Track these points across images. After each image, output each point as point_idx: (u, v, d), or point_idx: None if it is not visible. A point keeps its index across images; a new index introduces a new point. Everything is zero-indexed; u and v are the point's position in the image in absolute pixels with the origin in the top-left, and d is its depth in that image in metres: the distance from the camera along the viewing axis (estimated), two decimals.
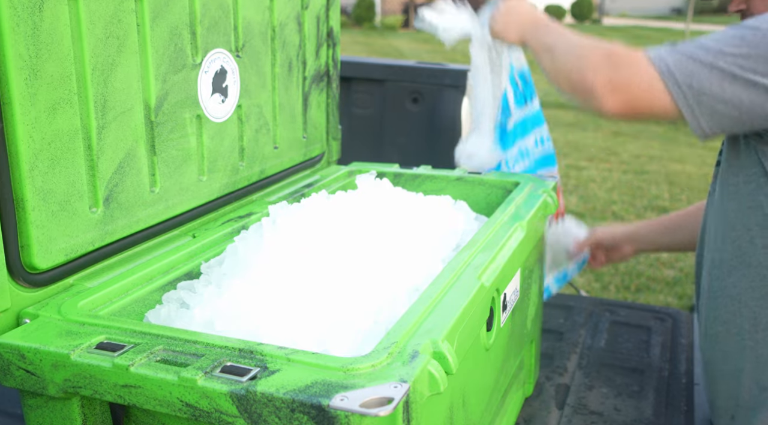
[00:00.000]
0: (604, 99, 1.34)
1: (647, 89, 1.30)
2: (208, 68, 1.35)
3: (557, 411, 1.65)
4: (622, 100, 1.31)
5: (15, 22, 0.97)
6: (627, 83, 1.32)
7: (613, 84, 1.33)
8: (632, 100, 1.31)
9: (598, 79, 1.34)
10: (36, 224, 1.04)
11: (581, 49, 1.42)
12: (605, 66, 1.35)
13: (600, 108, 1.35)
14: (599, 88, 1.34)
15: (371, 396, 0.79)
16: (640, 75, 1.31)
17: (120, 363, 0.89)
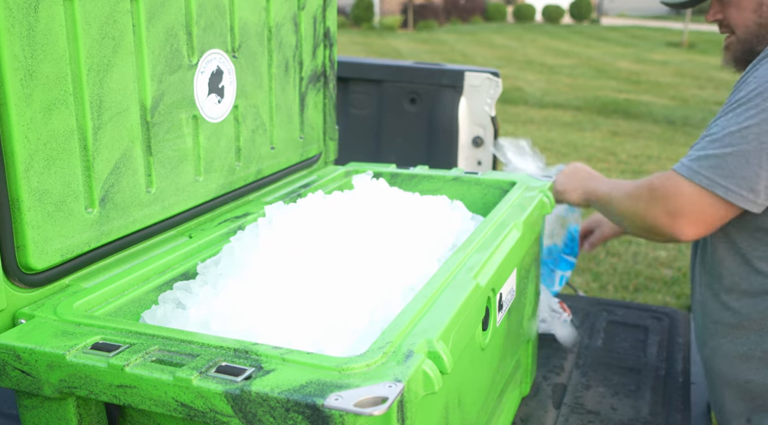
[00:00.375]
0: (672, 229, 1.48)
1: (698, 203, 1.44)
2: (204, 69, 1.36)
3: (554, 411, 1.65)
4: (686, 223, 1.46)
5: (10, 23, 0.97)
6: (679, 208, 1.46)
7: (670, 213, 1.47)
8: (695, 219, 1.45)
9: (656, 216, 1.50)
10: (32, 225, 1.04)
11: (629, 195, 1.58)
12: (654, 202, 1.51)
13: (674, 237, 1.50)
14: (661, 222, 1.49)
15: (366, 395, 0.79)
16: (684, 195, 1.45)
17: (115, 363, 0.89)
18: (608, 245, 4.86)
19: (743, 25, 1.56)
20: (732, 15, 1.57)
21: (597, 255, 4.75)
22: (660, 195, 1.48)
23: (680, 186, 1.45)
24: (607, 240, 2.07)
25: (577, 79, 12.11)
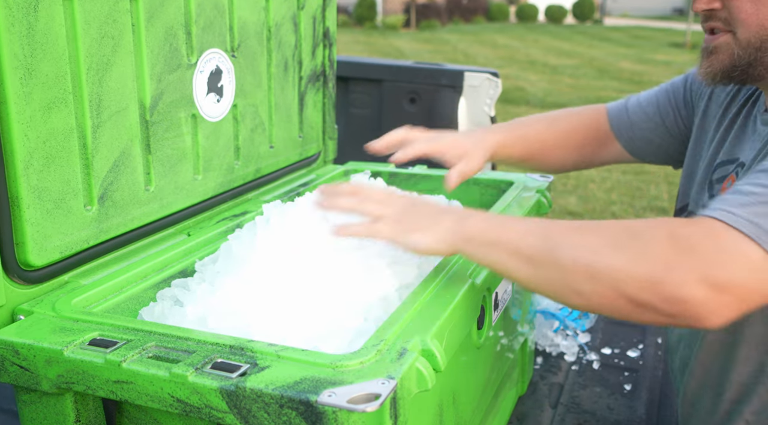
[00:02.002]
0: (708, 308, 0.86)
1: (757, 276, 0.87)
2: (203, 68, 1.37)
3: (550, 410, 1.66)
4: (733, 303, 0.87)
5: (10, 22, 0.98)
6: (731, 277, 0.86)
7: (711, 283, 0.85)
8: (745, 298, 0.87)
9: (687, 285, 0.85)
10: (31, 222, 1.05)
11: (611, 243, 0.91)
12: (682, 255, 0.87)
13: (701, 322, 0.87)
14: (694, 295, 0.85)
15: (359, 392, 0.80)
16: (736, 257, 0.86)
17: (112, 359, 0.90)
18: None
19: (758, 23, 1.04)
20: (744, 7, 1.04)
21: None
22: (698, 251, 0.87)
23: (737, 245, 0.87)
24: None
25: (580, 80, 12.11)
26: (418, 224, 1.03)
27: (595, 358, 1.88)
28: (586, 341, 1.92)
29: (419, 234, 1.02)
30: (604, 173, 6.49)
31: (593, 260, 0.90)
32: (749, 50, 1.06)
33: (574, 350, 1.89)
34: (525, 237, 0.96)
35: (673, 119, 1.44)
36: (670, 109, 1.44)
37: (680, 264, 0.86)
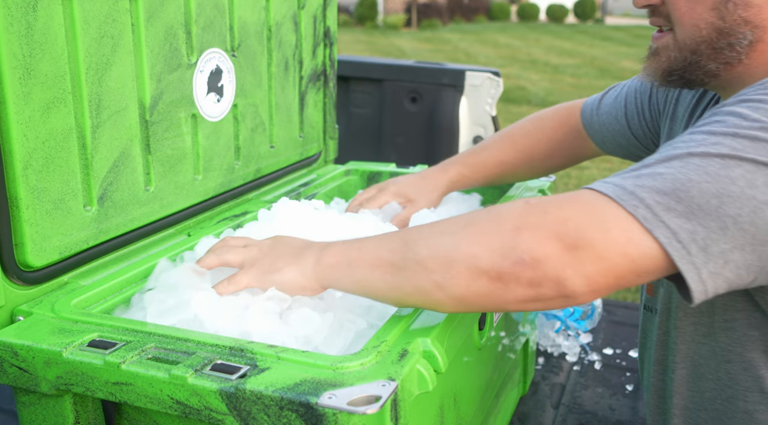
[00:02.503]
0: (564, 271, 0.81)
1: (627, 241, 0.81)
2: (203, 68, 1.36)
3: (552, 410, 1.66)
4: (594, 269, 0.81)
5: (9, 22, 0.98)
6: (588, 235, 0.81)
7: (566, 241, 0.81)
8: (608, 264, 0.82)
9: (541, 244, 0.81)
10: (30, 223, 1.05)
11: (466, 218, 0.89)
12: (543, 221, 0.83)
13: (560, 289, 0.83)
14: (549, 256, 0.81)
15: (359, 394, 0.79)
16: (604, 218, 0.82)
17: (111, 360, 0.89)
18: None
19: (692, 23, 0.98)
20: (678, 4, 0.99)
21: None
22: (549, 212, 0.84)
23: (594, 203, 0.84)
24: None
25: (581, 79, 12.09)
26: (278, 264, 1.01)
27: (596, 358, 1.88)
28: (588, 341, 1.92)
29: (282, 273, 1.00)
30: (606, 172, 6.49)
31: (448, 243, 0.87)
32: (684, 53, 1.01)
33: (576, 350, 1.89)
34: (382, 246, 0.94)
35: (638, 123, 1.37)
36: (636, 112, 1.37)
37: (530, 225, 0.83)
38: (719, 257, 0.81)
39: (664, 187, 0.82)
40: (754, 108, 0.85)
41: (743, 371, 1.03)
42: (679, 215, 0.80)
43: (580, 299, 0.84)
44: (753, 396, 1.03)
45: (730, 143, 0.82)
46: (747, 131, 0.83)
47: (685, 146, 0.85)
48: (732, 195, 0.80)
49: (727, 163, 0.81)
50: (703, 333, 1.07)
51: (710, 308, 1.04)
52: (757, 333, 1.01)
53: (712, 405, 1.09)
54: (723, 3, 0.95)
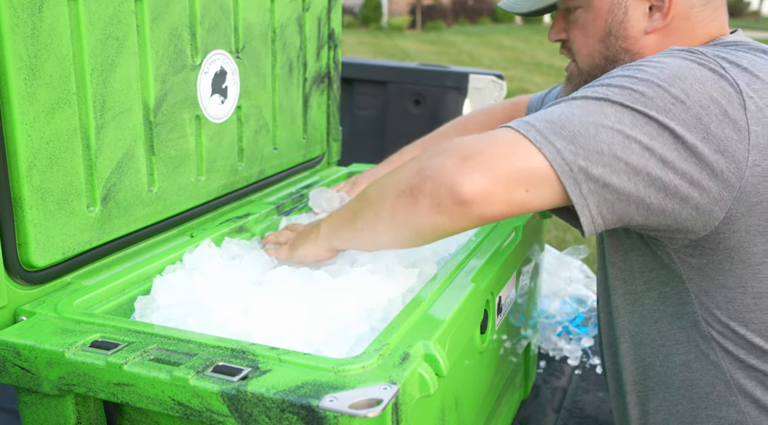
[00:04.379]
0: (455, 177, 0.93)
1: (512, 153, 0.94)
2: (207, 69, 1.36)
3: (553, 414, 1.65)
4: (480, 173, 0.93)
5: (14, 23, 0.98)
6: (480, 151, 0.95)
7: (461, 155, 0.94)
8: (497, 171, 0.93)
9: (442, 161, 0.96)
10: (34, 223, 1.05)
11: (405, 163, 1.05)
12: (446, 148, 0.98)
13: (451, 192, 0.94)
14: (445, 168, 0.95)
15: (361, 397, 0.79)
16: (497, 140, 0.96)
17: (113, 361, 0.89)
18: None
19: (587, 53, 1.21)
20: (576, 38, 1.22)
21: None
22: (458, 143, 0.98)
23: (497, 131, 0.99)
24: None
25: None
26: (296, 244, 1.25)
27: (598, 362, 1.87)
28: (590, 345, 1.91)
29: (301, 248, 1.23)
30: None
31: (387, 178, 1.05)
32: (586, 77, 1.23)
33: (578, 354, 1.89)
34: (351, 203, 1.14)
35: None
36: None
37: (442, 150, 0.98)
38: (598, 179, 0.95)
39: (552, 118, 0.97)
40: (624, 68, 1.04)
41: (669, 325, 1.15)
42: (564, 138, 0.95)
43: (475, 207, 0.94)
44: (683, 347, 1.14)
45: (603, 91, 0.99)
46: (617, 82, 1.00)
47: (571, 96, 1.02)
48: (605, 126, 0.95)
49: (602, 103, 0.97)
50: (631, 300, 1.19)
51: (631, 275, 1.18)
52: (668, 288, 1.13)
53: (653, 370, 1.19)
54: (606, 36, 1.19)
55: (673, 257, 1.10)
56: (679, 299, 1.13)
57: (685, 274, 1.10)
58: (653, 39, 1.17)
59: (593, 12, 1.18)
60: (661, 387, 1.19)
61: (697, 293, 1.10)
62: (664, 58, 1.03)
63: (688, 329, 1.13)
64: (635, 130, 0.95)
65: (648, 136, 0.95)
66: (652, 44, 1.17)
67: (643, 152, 0.95)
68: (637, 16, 1.16)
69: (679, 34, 1.16)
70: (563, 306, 1.93)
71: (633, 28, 1.17)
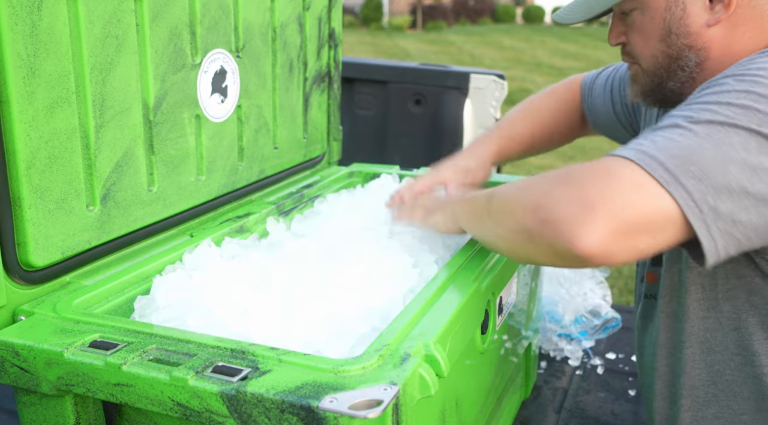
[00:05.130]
0: (576, 229, 0.88)
1: (640, 199, 0.88)
2: (207, 68, 1.36)
3: (554, 415, 1.65)
4: (604, 226, 0.87)
5: (13, 21, 0.98)
6: (603, 195, 0.88)
7: (583, 202, 0.88)
8: (622, 222, 0.88)
9: (562, 206, 0.90)
10: (33, 222, 1.05)
11: (525, 185, 1.02)
12: (567, 184, 0.92)
13: (571, 246, 0.88)
14: (566, 216, 0.89)
15: (361, 398, 0.79)
16: (622, 180, 0.89)
17: (112, 361, 0.89)
18: None
19: (650, 55, 1.17)
20: (636, 41, 1.19)
21: None
22: (579, 176, 0.92)
23: (617, 166, 0.91)
24: None
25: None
26: (435, 212, 1.27)
27: (599, 363, 1.87)
28: (591, 345, 1.91)
29: (436, 217, 1.26)
30: None
31: (509, 201, 1.03)
32: (651, 78, 1.20)
33: (579, 354, 1.88)
34: (476, 200, 1.14)
35: (621, 107, 1.50)
36: (620, 98, 1.50)
37: (558, 188, 0.93)
38: (728, 217, 0.90)
39: (679, 152, 0.91)
40: (738, 80, 0.97)
41: (750, 336, 1.10)
42: (693, 177, 0.89)
43: (596, 258, 0.89)
44: (761, 359, 1.10)
45: (726, 112, 0.93)
46: (738, 100, 0.94)
47: (688, 115, 0.95)
48: (734, 160, 0.90)
49: (728, 131, 0.91)
50: (707, 306, 1.13)
51: (713, 280, 1.12)
52: (757, 298, 1.08)
53: (722, 377, 1.15)
54: (667, 35, 1.15)
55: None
56: (767, 310, 1.08)
57: None
58: (718, 32, 1.11)
59: (650, 12, 1.14)
60: (727, 395, 1.15)
61: None
62: None
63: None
64: (762, 156, 0.90)
65: None
66: (717, 38, 1.11)
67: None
68: (696, 11, 1.11)
69: (748, 23, 1.09)
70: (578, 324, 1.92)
71: (694, 23, 1.11)
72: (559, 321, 1.87)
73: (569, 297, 1.86)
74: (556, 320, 1.87)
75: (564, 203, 0.90)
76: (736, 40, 1.09)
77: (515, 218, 0.99)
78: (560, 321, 1.87)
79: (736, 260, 1.07)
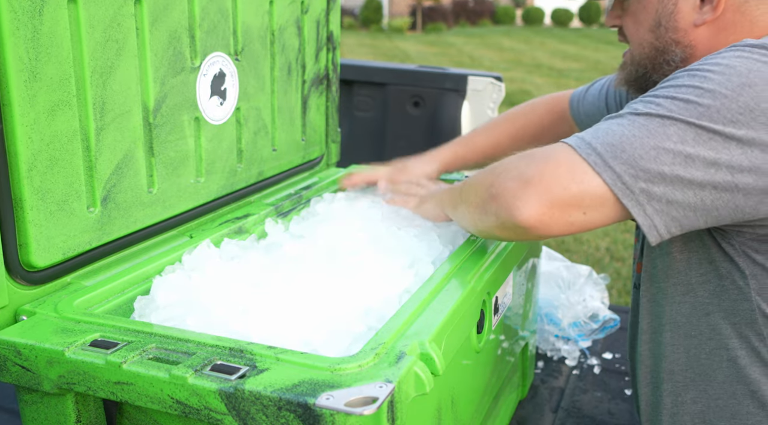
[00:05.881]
0: (514, 202, 1.00)
1: (571, 178, 0.98)
2: (206, 71, 1.37)
3: (551, 415, 1.66)
4: (537, 200, 0.98)
5: (15, 26, 0.99)
6: (540, 174, 0.99)
7: (523, 179, 1.00)
8: (552, 197, 0.98)
9: (506, 182, 1.02)
10: (34, 224, 1.06)
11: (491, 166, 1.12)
12: (515, 165, 1.04)
13: (511, 216, 1.00)
14: (507, 190, 1.01)
15: (356, 395, 0.80)
16: (558, 162, 0.99)
17: (113, 360, 0.90)
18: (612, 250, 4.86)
19: (638, 42, 1.21)
20: (628, 26, 1.22)
21: (601, 259, 4.76)
22: (526, 158, 1.04)
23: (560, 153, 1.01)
24: None
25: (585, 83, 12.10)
26: (427, 201, 1.39)
27: (596, 363, 1.88)
28: (588, 346, 1.92)
29: (426, 206, 1.37)
30: None
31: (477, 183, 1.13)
32: (636, 67, 1.22)
33: (575, 354, 1.89)
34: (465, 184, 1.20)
35: None
36: (615, 104, 1.53)
37: (508, 170, 1.04)
38: (662, 197, 0.97)
39: (613, 140, 0.99)
40: (690, 75, 1.01)
41: (722, 320, 1.13)
42: (624, 162, 0.97)
43: (533, 229, 1.00)
44: (733, 342, 1.13)
45: (668, 105, 0.99)
46: (682, 94, 0.98)
47: (635, 107, 1.02)
48: (666, 148, 0.96)
49: (665, 122, 0.97)
50: (682, 291, 1.18)
51: (687, 265, 1.16)
52: (727, 283, 1.12)
53: (697, 361, 1.18)
54: (656, 26, 1.17)
55: (738, 250, 1.09)
56: (737, 294, 1.11)
57: (748, 269, 1.09)
58: (704, 32, 1.14)
59: (644, 0, 1.17)
60: (703, 378, 1.18)
61: (759, 290, 1.09)
62: (733, 59, 0.99)
63: (742, 325, 1.12)
64: (698, 146, 0.95)
65: (713, 150, 0.95)
66: (703, 38, 1.14)
67: (707, 168, 0.95)
68: (687, 8, 1.14)
69: (734, 28, 1.12)
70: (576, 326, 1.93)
71: (683, 20, 1.14)
72: (557, 324, 1.89)
73: (569, 304, 1.88)
74: (554, 322, 1.88)
75: (509, 180, 1.02)
76: (721, 43, 1.11)
77: (476, 195, 1.11)
78: (558, 324, 1.89)
79: (707, 245, 1.13)
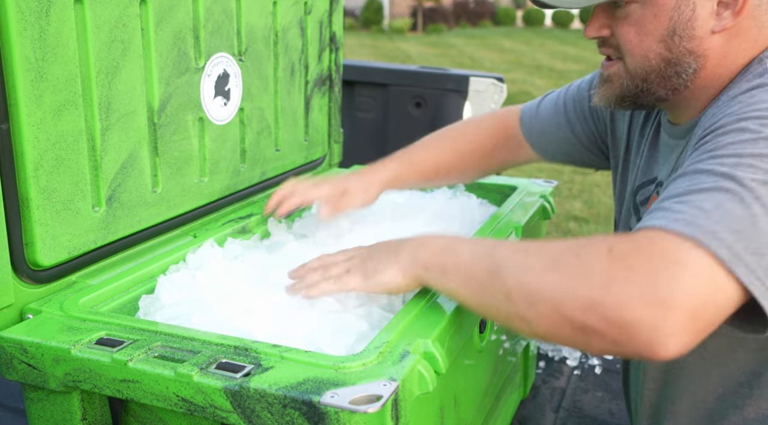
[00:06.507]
0: (657, 336, 0.78)
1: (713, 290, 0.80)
2: (210, 72, 1.38)
3: (552, 414, 1.67)
4: (684, 329, 0.79)
5: (22, 26, 1.00)
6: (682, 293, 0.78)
7: (656, 301, 0.78)
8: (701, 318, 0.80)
9: (635, 306, 0.79)
10: (40, 223, 1.07)
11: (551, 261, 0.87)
12: (623, 272, 0.81)
13: (652, 353, 0.80)
14: (641, 320, 0.78)
15: (361, 393, 0.81)
16: (686, 266, 0.79)
17: (119, 358, 0.91)
18: None
19: (641, 54, 1.07)
20: (628, 36, 1.07)
21: None
22: (635, 266, 0.81)
23: (679, 251, 0.81)
24: None
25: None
26: (380, 265, 1.05)
27: (597, 363, 1.89)
28: None
29: (383, 273, 1.04)
30: (609, 177, 6.48)
31: (534, 282, 0.87)
32: (636, 81, 1.09)
33: (577, 354, 1.90)
34: (475, 262, 0.95)
35: (581, 129, 1.41)
36: (577, 118, 1.41)
37: (618, 281, 0.80)
38: None
39: (736, 224, 0.82)
40: (760, 124, 0.88)
41: (735, 369, 1.08)
42: (753, 252, 0.81)
43: (672, 357, 0.81)
44: (744, 391, 1.08)
45: (764, 166, 0.85)
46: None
47: (729, 174, 0.86)
48: None
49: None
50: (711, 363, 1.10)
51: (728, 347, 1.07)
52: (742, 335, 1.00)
53: (704, 405, 1.13)
54: (669, 36, 1.04)
55: None
56: (755, 346, 1.05)
57: None
58: (718, 40, 1.05)
59: (654, 7, 1.04)
60: (707, 422, 1.13)
61: None
62: None
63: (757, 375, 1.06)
64: None
65: None
66: (717, 46, 1.05)
67: None
68: (705, 15, 1.03)
69: (745, 34, 1.05)
70: None
71: (701, 27, 1.03)
72: None
73: None
74: None
75: (633, 302, 0.78)
76: (732, 51, 1.05)
77: (558, 310, 0.84)
78: None
79: None
